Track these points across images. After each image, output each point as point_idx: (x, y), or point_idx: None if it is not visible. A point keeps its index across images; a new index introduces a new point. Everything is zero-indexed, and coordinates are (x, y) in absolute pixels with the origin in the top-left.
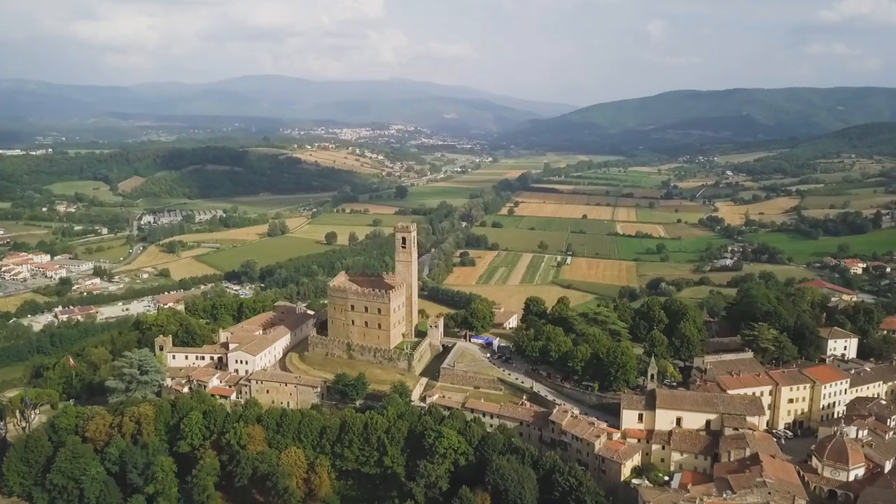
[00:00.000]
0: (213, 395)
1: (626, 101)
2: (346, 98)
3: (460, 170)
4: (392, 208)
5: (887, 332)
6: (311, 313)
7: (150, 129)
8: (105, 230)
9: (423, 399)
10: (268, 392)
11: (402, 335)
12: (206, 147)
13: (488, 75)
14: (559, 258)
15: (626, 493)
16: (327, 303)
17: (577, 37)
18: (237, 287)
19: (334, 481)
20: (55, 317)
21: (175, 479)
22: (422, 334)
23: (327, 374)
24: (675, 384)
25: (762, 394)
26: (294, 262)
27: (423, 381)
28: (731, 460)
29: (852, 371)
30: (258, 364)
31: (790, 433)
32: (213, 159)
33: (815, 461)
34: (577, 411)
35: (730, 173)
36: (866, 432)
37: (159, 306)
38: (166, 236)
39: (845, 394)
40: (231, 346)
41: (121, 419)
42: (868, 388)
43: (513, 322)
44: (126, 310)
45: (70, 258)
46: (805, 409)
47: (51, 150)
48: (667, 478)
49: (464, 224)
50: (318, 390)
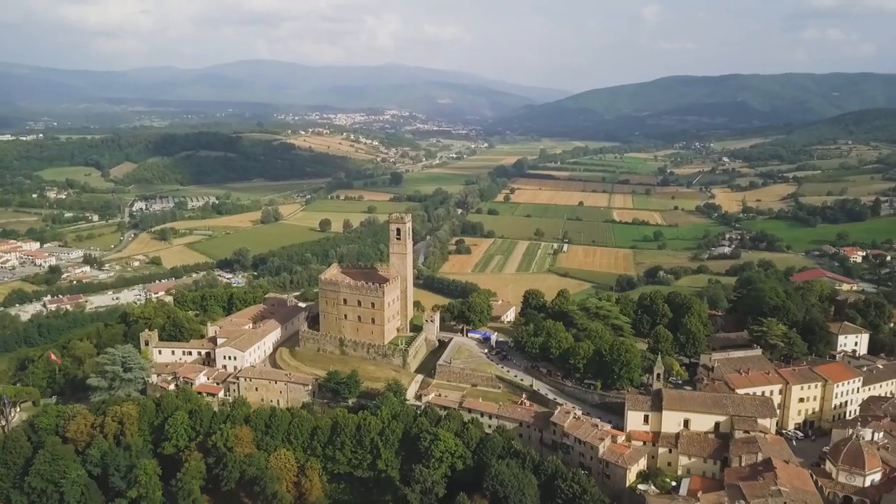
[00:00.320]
0: (199, 393)
1: (621, 87)
2: (341, 83)
3: (455, 156)
4: (387, 195)
5: None
6: (303, 306)
7: (142, 115)
8: (96, 217)
9: (418, 397)
10: (257, 390)
11: (397, 330)
12: (199, 132)
13: (483, 60)
14: (555, 246)
15: (631, 499)
16: (319, 296)
17: (571, 20)
18: (229, 275)
19: (326, 485)
20: (44, 306)
21: (159, 483)
22: (417, 329)
23: (319, 371)
24: (680, 382)
25: (772, 393)
26: (287, 249)
27: (419, 378)
28: (743, 465)
29: (864, 368)
30: (247, 360)
31: (800, 434)
32: (206, 145)
33: (829, 465)
34: (579, 412)
35: (726, 160)
36: (882, 434)
37: (149, 296)
38: (158, 223)
39: (858, 392)
40: (219, 340)
41: (103, 419)
42: (881, 387)
43: (511, 315)
44: (116, 299)
45: (60, 246)
46: (816, 409)
47: (41, 135)
48: (674, 483)
49: (459, 211)
50: (310, 388)
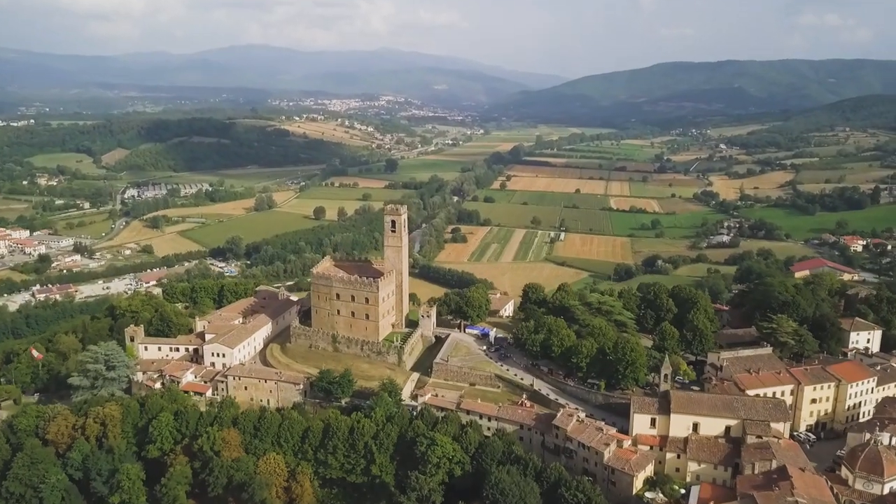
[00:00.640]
0: (186, 392)
1: (617, 73)
2: (336, 69)
3: (451, 142)
4: (382, 182)
5: None
6: (295, 300)
7: (135, 100)
8: (87, 204)
9: (414, 397)
10: (246, 389)
11: (392, 326)
12: (192, 118)
13: (478, 46)
14: (552, 234)
15: None
16: (311, 291)
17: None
18: (222, 264)
19: (318, 490)
20: (32, 296)
21: (143, 488)
22: (413, 324)
23: (311, 369)
24: (686, 382)
25: (783, 394)
26: (281, 238)
27: (415, 376)
28: (756, 473)
29: (878, 367)
30: (236, 357)
31: (813, 436)
32: (199, 131)
33: (844, 471)
34: (582, 414)
35: (723, 146)
36: None
37: (138, 287)
38: (150, 211)
39: (872, 393)
40: (207, 336)
41: (84, 420)
42: None
43: (509, 309)
44: (107, 288)
45: (50, 234)
46: (828, 410)
47: (32, 121)
48: (683, 491)
49: (455, 199)
50: (301, 387)
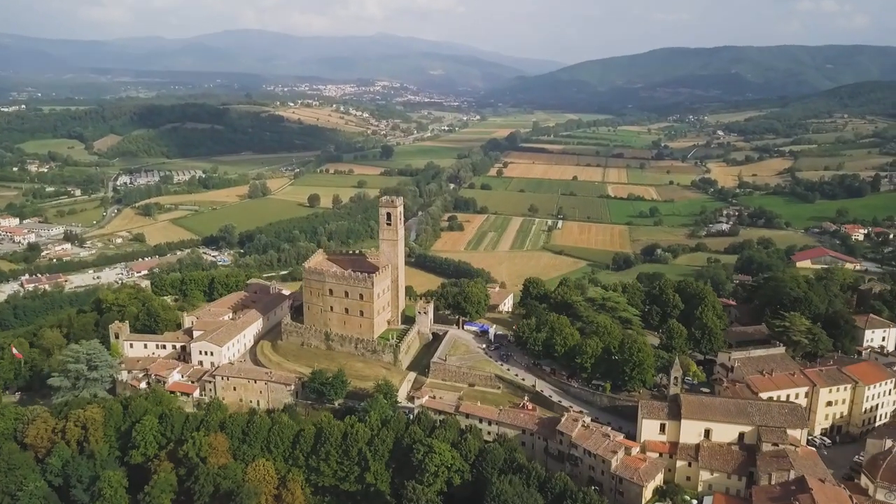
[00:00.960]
0: (172, 393)
1: (614, 59)
2: (331, 54)
3: (447, 128)
4: (377, 169)
5: None
6: (287, 294)
7: (128, 86)
8: (78, 192)
9: (410, 399)
10: (235, 389)
11: (388, 322)
12: (185, 104)
13: (475, 31)
14: (550, 222)
15: None
16: (303, 286)
17: None
18: (215, 253)
19: (309, 498)
20: (21, 286)
21: (126, 496)
22: (409, 320)
23: (303, 368)
24: (696, 383)
25: (797, 396)
26: (275, 226)
27: (411, 376)
28: (773, 484)
29: (895, 368)
30: (225, 356)
31: (828, 441)
32: (192, 117)
33: (864, 480)
34: (588, 419)
35: (721, 133)
36: None
37: (127, 278)
38: (142, 198)
39: (890, 395)
40: (195, 333)
41: (65, 423)
42: None
43: (508, 304)
44: (97, 278)
45: (40, 222)
46: (844, 413)
47: (24, 106)
48: (695, 501)
49: (451, 186)
50: (292, 388)
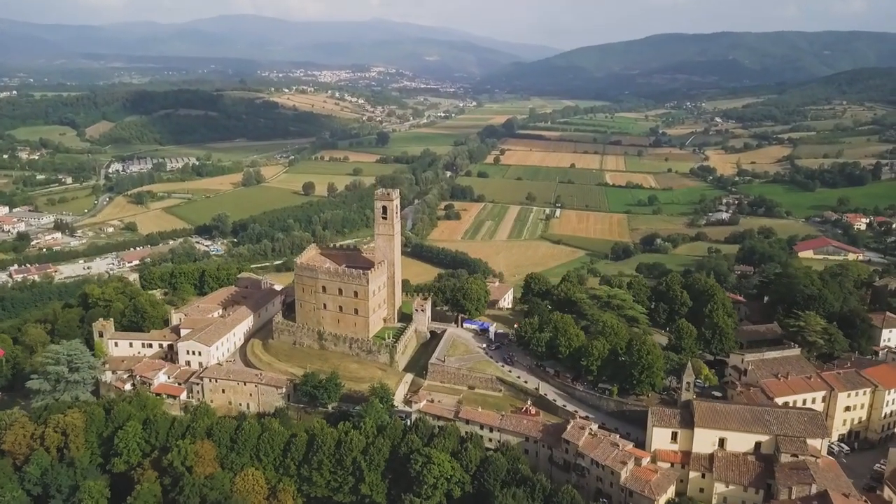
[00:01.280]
0: (158, 395)
1: (611, 45)
2: (326, 39)
3: (443, 114)
4: (373, 156)
5: None
6: (279, 288)
7: (121, 71)
8: (69, 179)
9: (407, 402)
10: (224, 392)
11: (383, 320)
12: (178, 90)
13: (471, 16)
14: (547, 211)
15: None
16: (294, 283)
17: None
18: (208, 242)
19: None
20: (10, 276)
21: None
22: (406, 318)
23: (295, 369)
24: (707, 386)
25: (814, 401)
26: (269, 215)
27: (408, 378)
28: (793, 498)
29: None
30: (213, 356)
31: (846, 447)
32: (186, 103)
33: (887, 492)
34: (595, 426)
35: (719, 120)
36: None
37: (116, 269)
38: (135, 186)
39: None
40: (183, 331)
41: (44, 429)
42: None
43: (509, 299)
44: (88, 268)
45: (30, 210)
46: (863, 418)
47: (15, 92)
48: None
49: (448, 174)
50: (283, 391)
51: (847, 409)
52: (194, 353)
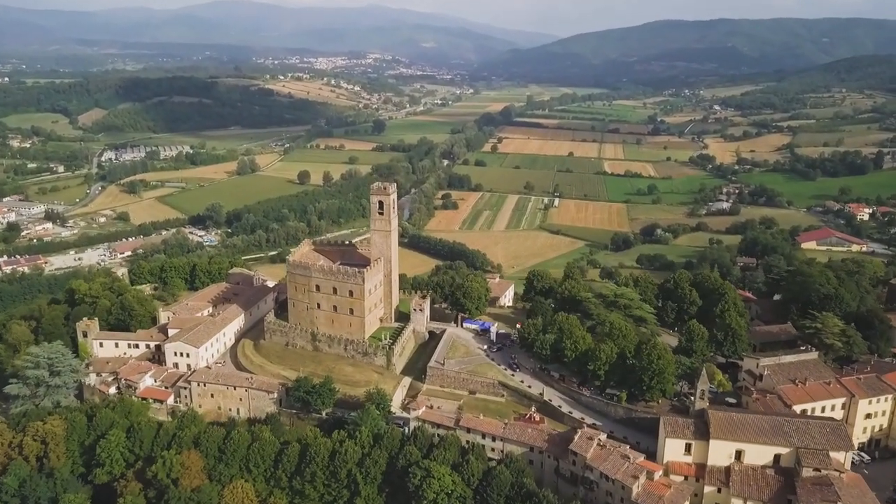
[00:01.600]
0: (144, 400)
1: (608, 32)
2: (321, 25)
3: (440, 102)
4: (369, 144)
5: None
6: (271, 285)
7: (115, 58)
8: (61, 168)
9: (405, 407)
10: (212, 396)
11: (380, 320)
12: (173, 77)
13: (467, 2)
14: (546, 200)
15: None
16: (287, 281)
17: None
18: (202, 233)
19: None
20: None
21: None
22: (404, 317)
23: (287, 371)
24: (720, 391)
25: (833, 408)
26: (263, 204)
27: (406, 381)
28: None
29: None
30: (202, 357)
31: (867, 457)
32: (179, 90)
33: None
34: (603, 436)
35: (717, 108)
36: None
37: (107, 261)
38: (128, 175)
39: None
40: (171, 331)
41: (22, 437)
42: None
43: (509, 296)
44: (78, 259)
45: (21, 200)
46: (884, 426)
47: (7, 79)
48: None
49: (445, 162)
50: (275, 396)
51: (868, 416)
52: (182, 354)
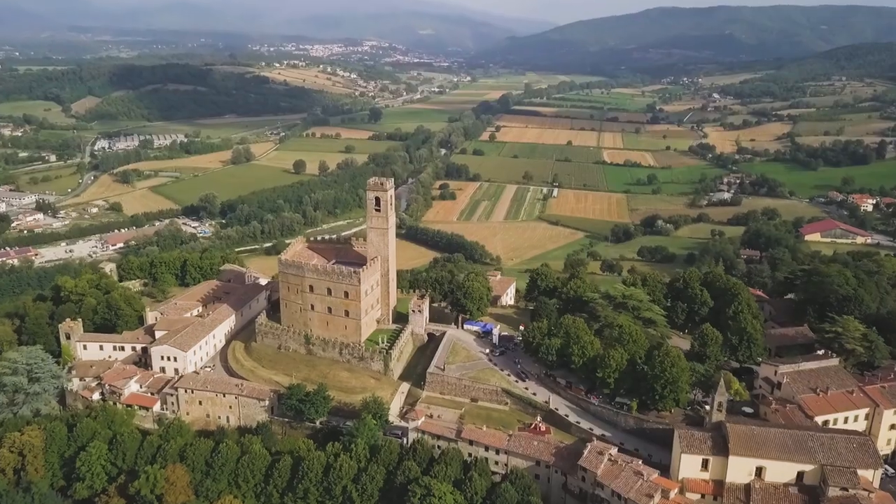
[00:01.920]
0: (129, 407)
1: (606, 19)
2: (317, 12)
3: (438, 90)
4: (366, 133)
5: None
6: (263, 283)
7: (109, 45)
8: (53, 157)
9: (403, 416)
10: (200, 403)
11: (377, 322)
12: (167, 64)
13: None
14: (545, 190)
15: None
16: (279, 280)
17: None
18: (195, 224)
19: None
20: None
21: None
22: (402, 317)
23: (280, 376)
24: (737, 400)
25: (856, 419)
26: (258, 195)
27: (405, 387)
28: None
29: None
30: (190, 362)
31: (891, 470)
32: (174, 78)
33: None
34: (615, 450)
35: (716, 96)
36: None
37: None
38: (121, 164)
39: None
40: (158, 333)
41: None
42: None
43: (510, 294)
44: (70, 251)
45: (11, 190)
46: None
47: None
48: None
49: (443, 151)
50: (266, 403)
51: (893, 426)
52: (169, 358)
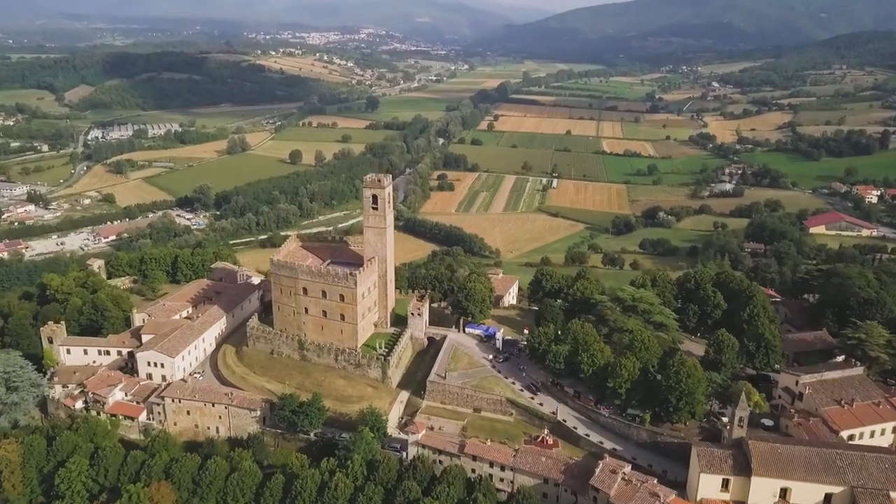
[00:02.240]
0: (114, 416)
1: (605, 6)
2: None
3: (435, 78)
4: (362, 122)
5: None
6: (256, 282)
7: (104, 32)
8: (46, 147)
9: (402, 428)
10: (188, 413)
11: (374, 325)
12: (162, 52)
13: None
14: (544, 181)
15: None
16: (272, 282)
17: None
18: (189, 215)
19: None
20: None
21: None
22: (401, 320)
23: (272, 384)
24: (756, 412)
25: (883, 432)
26: (253, 186)
27: (404, 396)
28: None
29: None
30: (178, 368)
31: None
32: (169, 66)
33: None
34: (628, 468)
35: (716, 85)
36: None
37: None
38: (114, 154)
39: None
40: (145, 337)
41: None
42: None
43: (513, 294)
44: (61, 244)
45: (2, 180)
46: None
47: None
48: None
49: (441, 141)
50: (258, 414)
51: None
52: (156, 364)
